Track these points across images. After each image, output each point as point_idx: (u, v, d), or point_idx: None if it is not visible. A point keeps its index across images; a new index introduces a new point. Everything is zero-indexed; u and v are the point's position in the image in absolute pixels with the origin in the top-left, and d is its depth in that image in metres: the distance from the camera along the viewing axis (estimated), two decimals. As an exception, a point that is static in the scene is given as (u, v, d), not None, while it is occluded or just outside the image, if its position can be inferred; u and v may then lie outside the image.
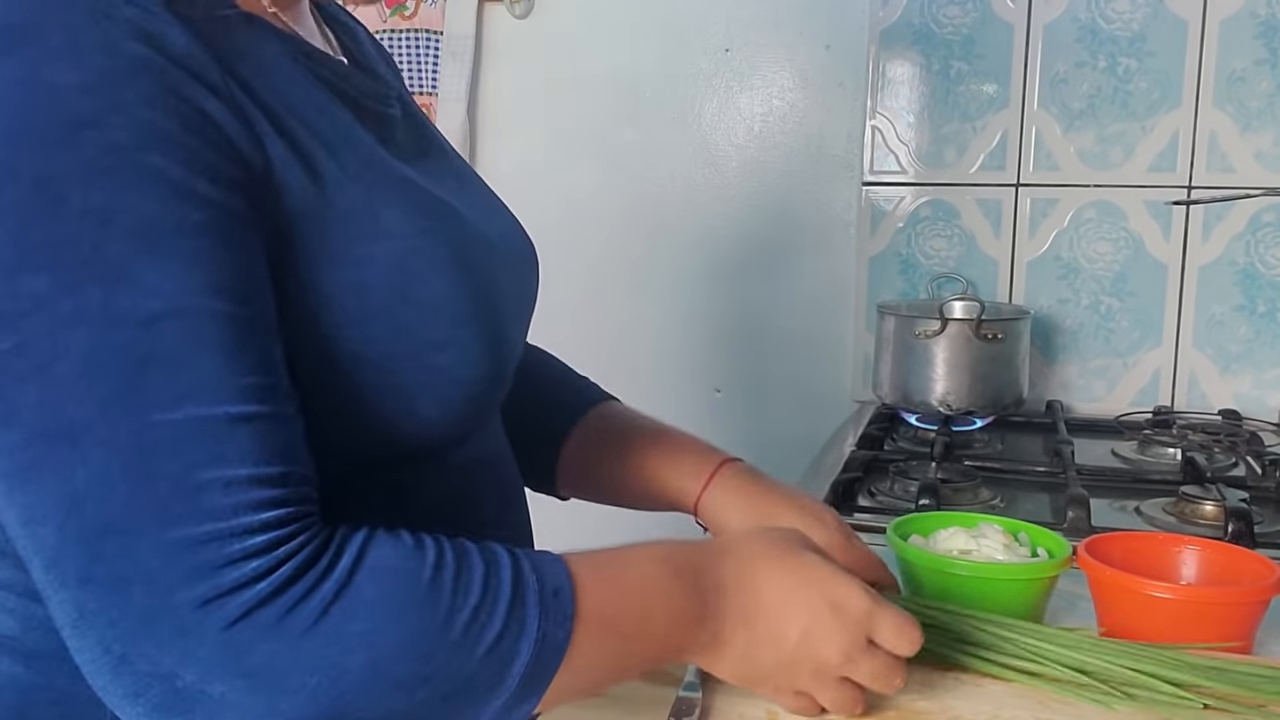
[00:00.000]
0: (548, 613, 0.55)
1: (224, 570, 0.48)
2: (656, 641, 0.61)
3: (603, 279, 1.75)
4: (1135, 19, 1.50)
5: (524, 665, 0.54)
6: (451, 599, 0.53)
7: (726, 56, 1.69)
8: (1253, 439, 1.35)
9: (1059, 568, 0.83)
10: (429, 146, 0.76)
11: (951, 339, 1.42)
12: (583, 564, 0.59)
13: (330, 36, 0.74)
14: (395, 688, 0.51)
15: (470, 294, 0.62)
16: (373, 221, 0.59)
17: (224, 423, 0.50)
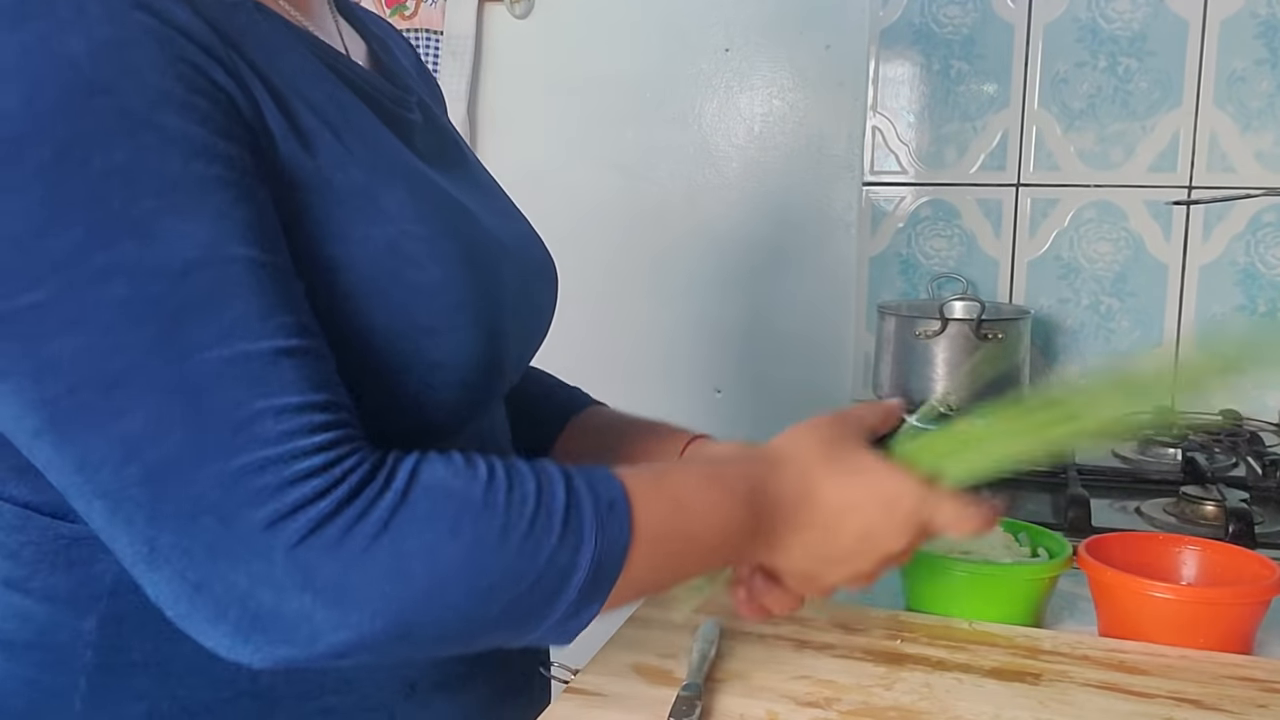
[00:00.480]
0: (604, 526, 0.56)
1: (285, 491, 0.50)
2: (711, 552, 0.63)
3: (602, 279, 1.75)
4: (1136, 19, 1.50)
5: (583, 577, 0.55)
6: (506, 513, 0.54)
7: (726, 56, 1.69)
8: (1253, 439, 1.35)
9: (1059, 568, 0.83)
10: (451, 154, 0.77)
11: (952, 339, 1.42)
12: (637, 479, 0.60)
13: (344, 38, 0.74)
14: (457, 599, 0.53)
15: (469, 284, 0.63)
16: (371, 203, 0.60)
17: (268, 356, 0.51)
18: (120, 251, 0.49)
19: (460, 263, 0.63)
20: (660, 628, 0.80)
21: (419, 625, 0.53)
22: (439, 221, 0.63)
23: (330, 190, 0.58)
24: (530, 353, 0.79)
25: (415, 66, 0.85)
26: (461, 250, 0.63)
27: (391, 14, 1.77)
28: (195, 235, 0.51)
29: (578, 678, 0.73)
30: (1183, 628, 0.77)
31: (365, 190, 0.60)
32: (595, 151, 1.74)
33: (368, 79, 0.68)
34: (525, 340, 0.75)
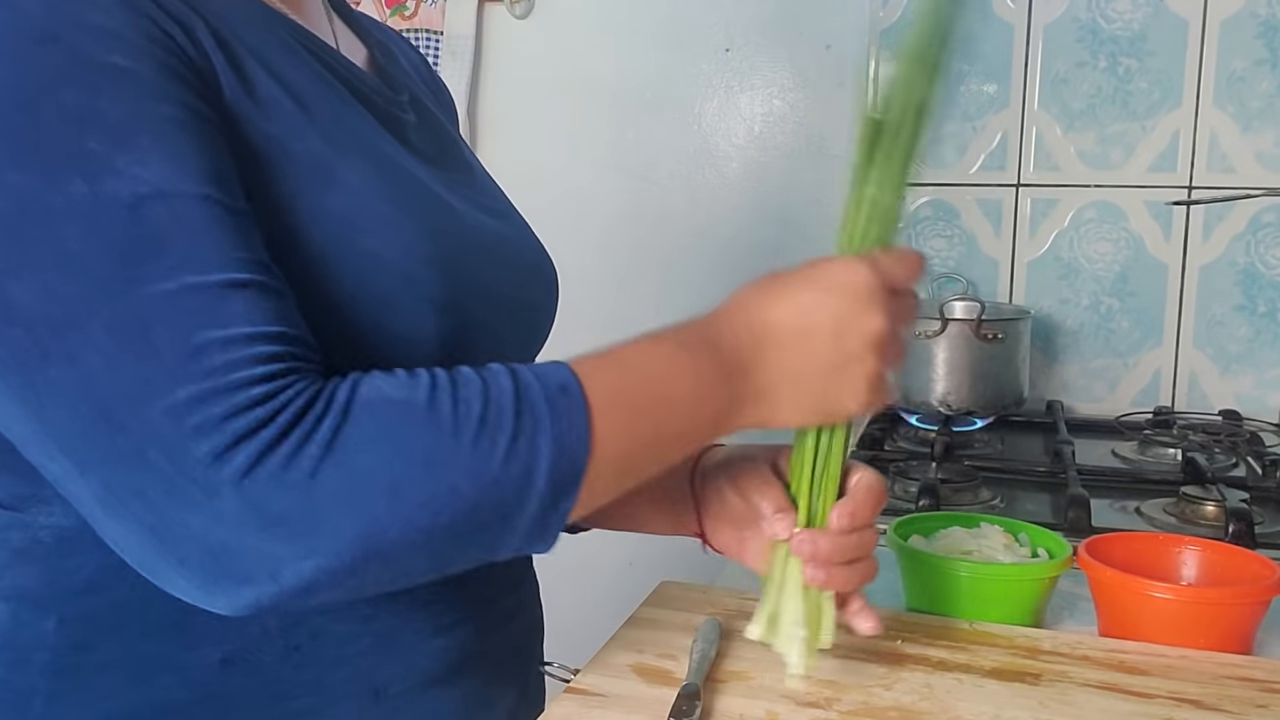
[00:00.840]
0: (557, 408, 0.55)
1: (228, 422, 0.49)
2: (688, 407, 0.61)
3: (602, 279, 1.75)
4: (1135, 19, 1.50)
5: (549, 462, 0.54)
6: (454, 413, 0.53)
7: (726, 57, 1.69)
8: (1253, 439, 1.35)
9: (1059, 568, 0.83)
10: (448, 155, 0.77)
11: (952, 339, 1.42)
12: (581, 360, 0.59)
13: (337, 36, 0.75)
14: (418, 511, 0.52)
15: (426, 261, 0.62)
16: (327, 173, 0.60)
17: (217, 288, 0.51)
18: (71, 192, 0.50)
19: (420, 239, 0.62)
20: (660, 628, 0.80)
21: (385, 542, 0.51)
22: (401, 199, 0.63)
23: (286, 157, 0.58)
24: (522, 352, 0.78)
25: (424, 76, 0.86)
26: (422, 229, 0.63)
27: (391, 14, 1.77)
28: (146, 173, 0.51)
29: (578, 678, 0.73)
30: (1183, 628, 0.77)
31: (322, 159, 0.60)
32: (595, 151, 1.74)
33: (352, 70, 0.68)
34: (509, 337, 0.74)
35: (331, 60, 0.67)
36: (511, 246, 0.75)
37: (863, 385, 0.63)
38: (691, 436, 0.62)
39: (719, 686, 0.71)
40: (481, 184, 0.79)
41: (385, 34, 0.85)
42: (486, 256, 0.70)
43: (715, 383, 0.61)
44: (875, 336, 0.62)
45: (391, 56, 0.80)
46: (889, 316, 0.63)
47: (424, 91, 0.82)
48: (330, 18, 0.75)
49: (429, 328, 0.62)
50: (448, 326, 0.63)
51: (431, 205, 0.66)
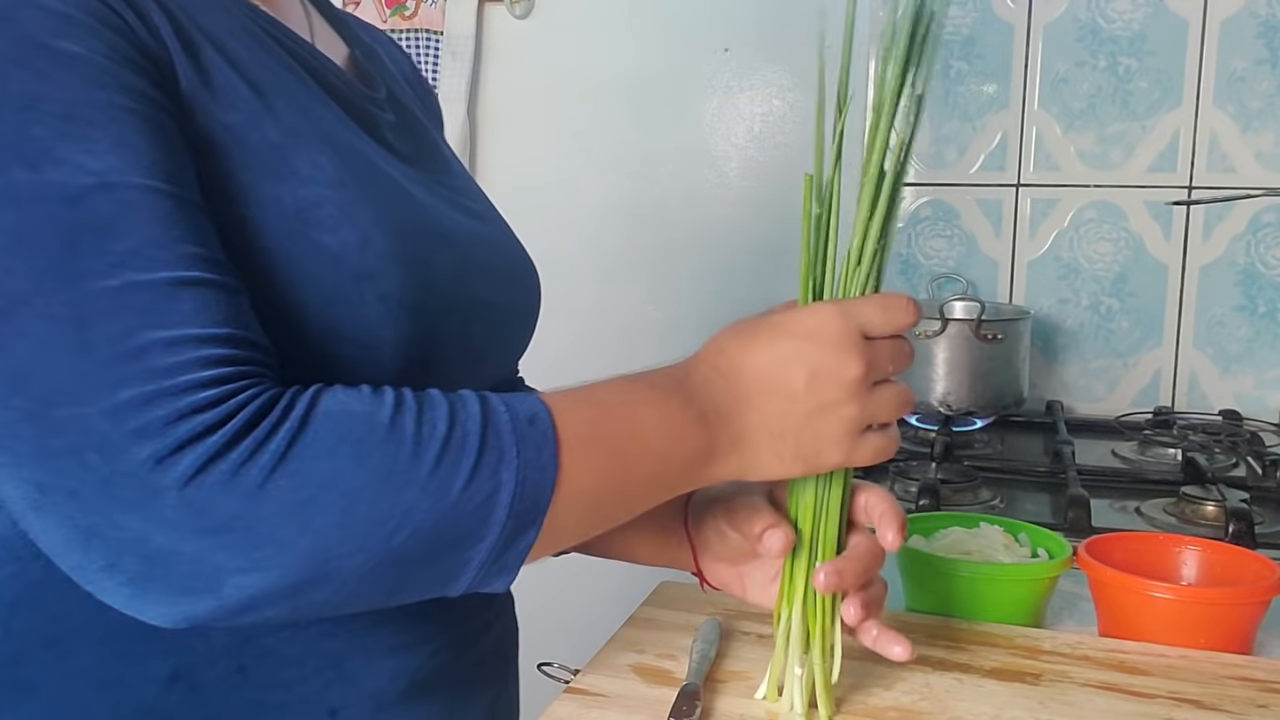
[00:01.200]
0: (525, 438, 0.53)
1: (173, 426, 0.47)
2: (661, 451, 0.59)
3: (602, 279, 1.75)
4: (1135, 19, 1.50)
5: (511, 494, 0.52)
6: (417, 433, 0.51)
7: (726, 56, 1.69)
8: (1253, 439, 1.35)
9: (1059, 568, 0.83)
10: (427, 155, 0.75)
11: (952, 339, 1.42)
12: (556, 394, 0.57)
13: (314, 31, 0.73)
14: (372, 530, 0.49)
15: (383, 256, 0.59)
16: (283, 162, 0.58)
17: (163, 286, 0.49)
18: (11, 179, 0.48)
19: (381, 235, 0.60)
20: (660, 628, 0.80)
21: (334, 563, 0.49)
22: (364, 193, 0.60)
23: (242, 148, 0.56)
24: (499, 358, 0.75)
25: (411, 80, 0.84)
26: (385, 225, 0.60)
27: (391, 14, 1.77)
28: (91, 162, 0.49)
29: (578, 678, 0.73)
30: (1183, 628, 0.77)
31: (279, 150, 0.58)
32: (595, 151, 1.74)
33: (323, 62, 0.67)
34: (483, 342, 0.70)
35: (299, 49, 0.65)
36: (489, 248, 0.73)
37: (843, 433, 0.61)
38: (663, 482, 0.60)
39: (719, 686, 0.71)
40: (461, 184, 0.77)
41: (373, 36, 0.83)
42: (460, 257, 0.67)
43: (690, 428, 0.59)
44: (853, 383, 0.61)
45: (374, 57, 0.78)
46: (867, 363, 0.61)
47: (408, 94, 0.81)
48: (308, 13, 0.74)
49: (389, 330, 0.59)
50: (411, 329, 0.60)
51: (399, 201, 0.64)
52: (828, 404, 0.61)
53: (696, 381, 0.61)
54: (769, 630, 0.79)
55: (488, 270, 0.71)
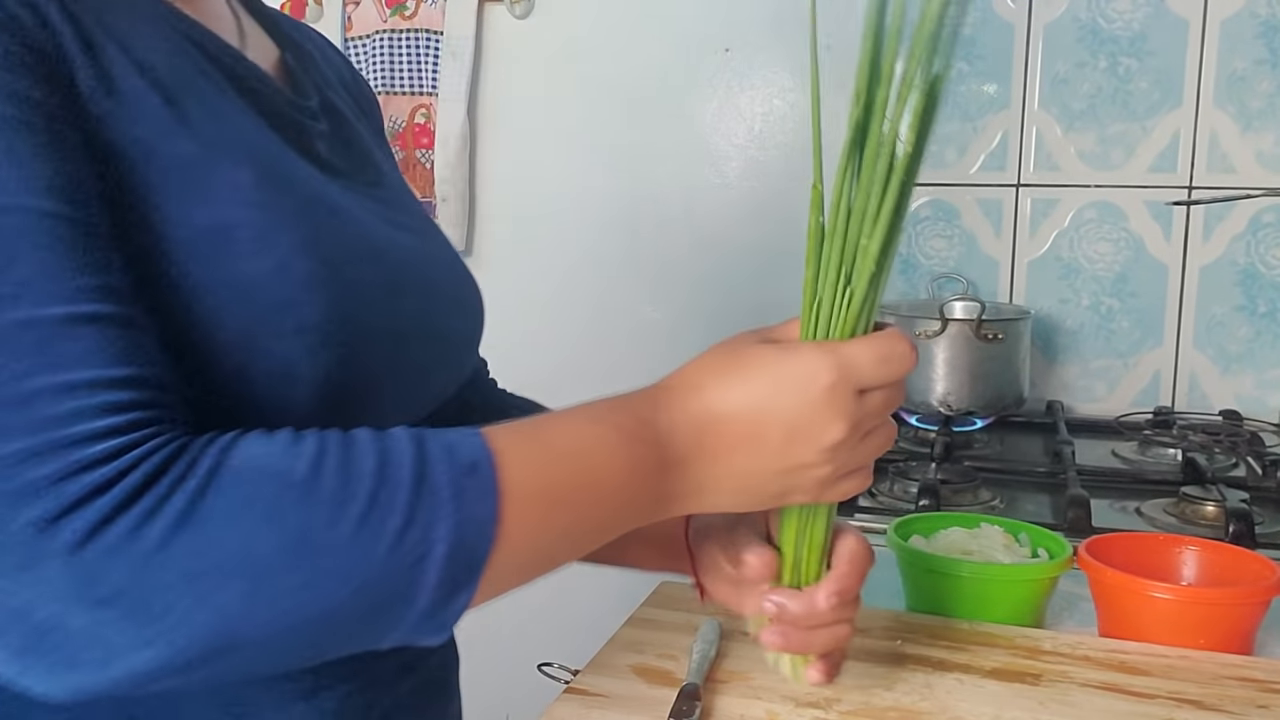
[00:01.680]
0: (463, 492, 0.48)
1: (63, 484, 0.43)
2: (616, 501, 0.55)
3: (602, 279, 1.75)
4: (1136, 19, 1.50)
5: (444, 555, 0.48)
6: (338, 489, 0.46)
7: (726, 56, 1.68)
8: (1253, 439, 1.35)
9: (1059, 569, 0.83)
10: (360, 165, 0.70)
11: (952, 339, 1.42)
12: (505, 434, 0.52)
13: (245, 34, 0.68)
14: (283, 600, 0.45)
15: (305, 284, 0.55)
16: (198, 180, 0.53)
17: (56, 324, 0.45)
18: None
19: (300, 258, 0.55)
20: (660, 628, 0.80)
21: (241, 633, 0.45)
22: (283, 212, 0.55)
23: (150, 161, 0.51)
24: (440, 380, 0.70)
25: (346, 79, 0.80)
26: (305, 247, 0.55)
27: (391, 14, 1.77)
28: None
29: (578, 678, 0.73)
30: (1183, 628, 0.77)
31: (193, 164, 0.53)
32: (594, 151, 1.74)
33: (249, 69, 0.62)
34: (419, 365, 0.65)
35: (223, 56, 0.60)
36: (426, 265, 0.68)
37: (812, 485, 0.58)
38: (614, 528, 0.57)
39: (719, 687, 0.71)
40: (396, 197, 0.72)
41: (303, 34, 0.78)
42: (393, 278, 0.62)
43: (651, 475, 0.55)
44: (832, 446, 0.56)
45: (307, 58, 0.74)
46: (852, 425, 0.57)
47: (343, 97, 0.76)
48: (238, 16, 0.69)
49: (307, 365, 0.54)
50: (332, 362, 0.55)
51: (326, 221, 0.58)
52: (802, 464, 0.57)
53: (664, 426, 0.56)
54: (769, 630, 0.79)
55: (425, 290, 0.66)
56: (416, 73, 1.76)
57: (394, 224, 0.67)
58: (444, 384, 0.71)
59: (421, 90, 1.76)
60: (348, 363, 0.56)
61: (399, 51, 1.76)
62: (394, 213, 0.68)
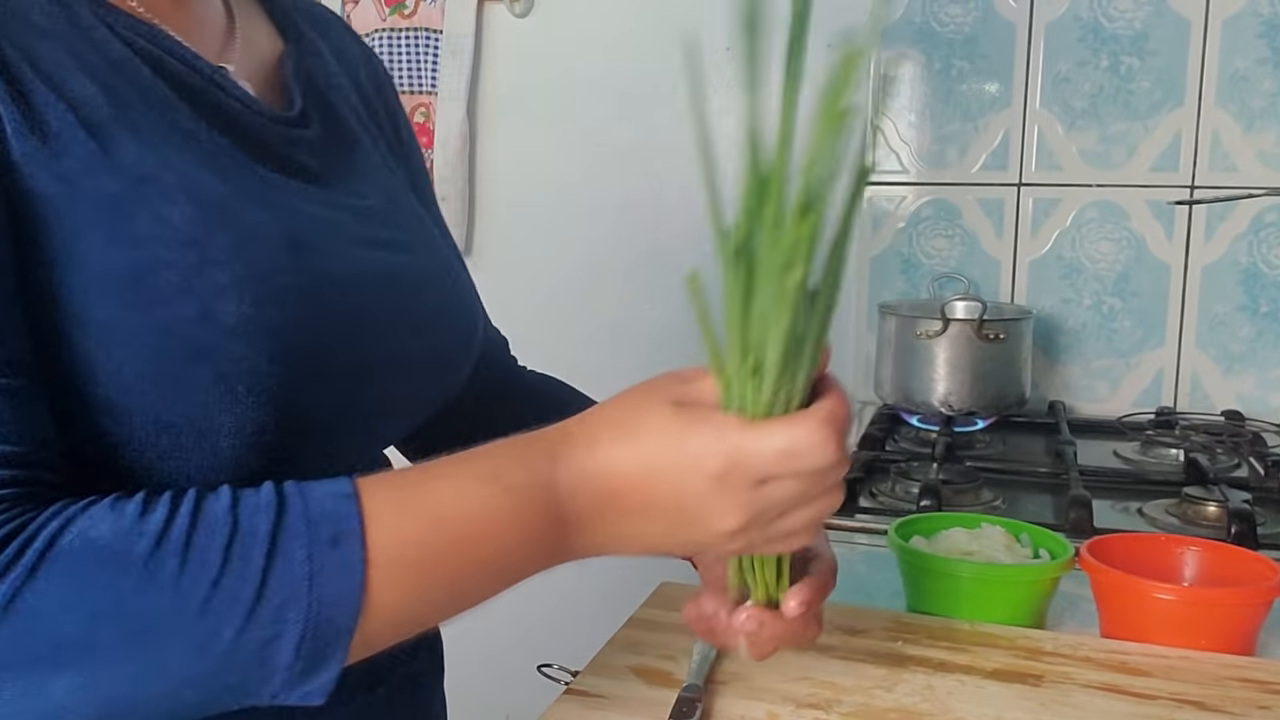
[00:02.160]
0: (321, 571, 0.46)
1: None
2: (503, 564, 0.52)
3: (602, 279, 1.74)
4: (1137, 18, 1.50)
5: (297, 637, 0.46)
6: (180, 571, 0.44)
7: (726, 56, 1.68)
8: (1256, 440, 1.35)
9: (1061, 569, 0.83)
10: (340, 176, 0.66)
11: (953, 339, 1.41)
12: (380, 494, 0.49)
13: (240, 32, 0.66)
14: (118, 690, 0.44)
15: (245, 331, 0.52)
16: (121, 220, 0.51)
17: None
18: None
19: (226, 301, 0.52)
20: (660, 629, 0.80)
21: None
22: (220, 248, 0.53)
23: (72, 199, 0.50)
24: (409, 409, 0.68)
25: (366, 76, 0.77)
26: (237, 286, 0.52)
27: (391, 12, 1.76)
28: None
29: (578, 679, 0.73)
30: (1185, 629, 0.77)
31: (116, 202, 0.51)
32: (595, 150, 1.74)
33: (213, 83, 0.59)
34: (380, 397, 0.62)
35: (180, 70, 0.58)
36: (401, 286, 0.64)
37: (731, 552, 0.55)
38: (506, 585, 0.54)
39: (719, 688, 0.71)
40: (385, 209, 0.68)
41: (319, 25, 0.75)
42: (354, 309, 0.59)
43: (546, 537, 0.53)
44: (727, 533, 0.52)
45: (311, 54, 0.71)
46: (748, 515, 0.51)
47: (348, 96, 0.73)
48: (232, 15, 0.67)
49: (227, 415, 0.52)
50: (254, 411, 0.53)
51: (269, 256, 0.55)
52: (701, 542, 0.54)
53: (562, 487, 0.52)
54: (769, 631, 0.79)
55: (399, 312, 0.63)
56: (416, 71, 1.76)
57: (371, 242, 0.64)
58: (427, 400, 0.69)
59: (421, 89, 1.76)
60: (285, 408, 0.54)
61: (398, 50, 1.76)
62: (375, 227, 0.65)
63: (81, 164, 0.51)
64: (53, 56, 0.52)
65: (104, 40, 0.55)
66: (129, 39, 0.56)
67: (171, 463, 0.52)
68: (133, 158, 0.52)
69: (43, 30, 0.53)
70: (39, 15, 0.53)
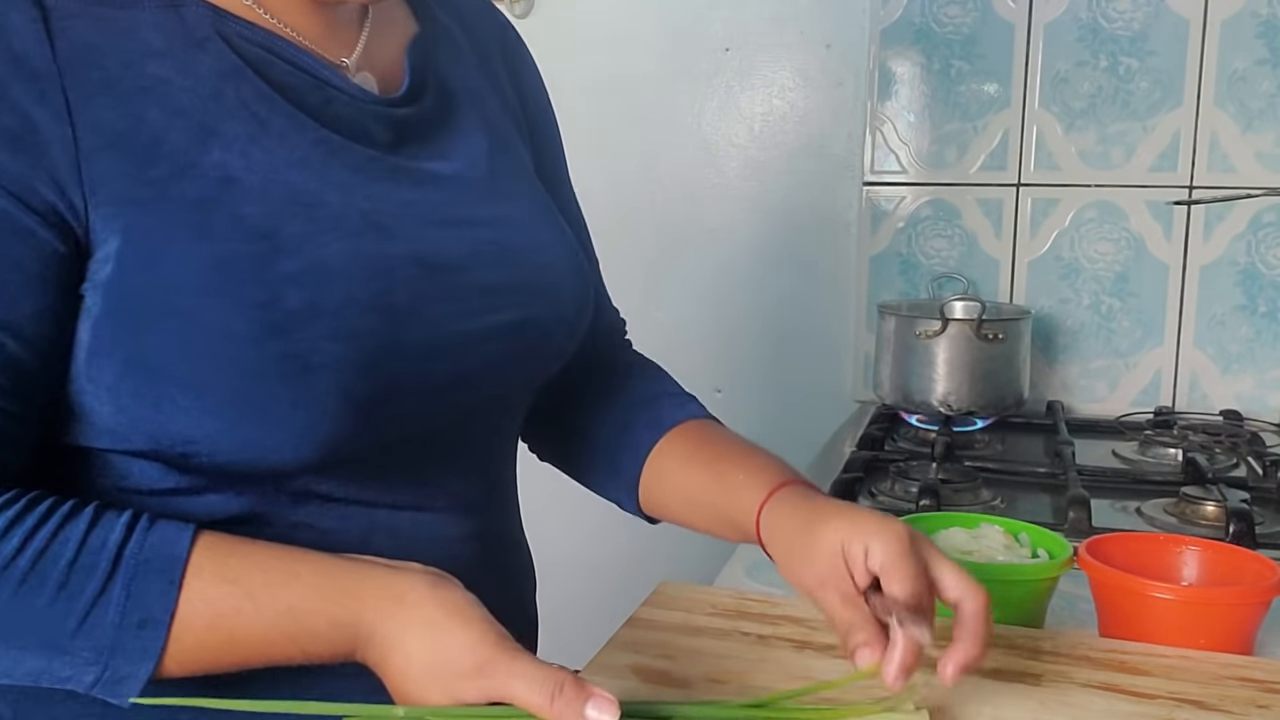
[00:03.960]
0: (121, 649, 0.55)
1: None
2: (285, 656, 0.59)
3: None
4: (1136, 18, 1.50)
5: (89, 683, 0.55)
6: (13, 595, 0.54)
7: (726, 56, 1.68)
8: (1254, 439, 1.35)
9: (1060, 569, 0.83)
10: (440, 154, 0.70)
11: (952, 339, 1.41)
12: (199, 597, 0.56)
13: (369, 27, 0.71)
14: None
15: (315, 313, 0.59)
16: (204, 219, 0.58)
17: None
18: None
19: (306, 285, 0.59)
20: (660, 629, 0.80)
21: None
22: (297, 237, 0.60)
23: (161, 202, 0.57)
24: (492, 382, 0.71)
25: (499, 54, 0.83)
26: (313, 271, 0.59)
27: (391, 14, 1.76)
28: None
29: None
30: (1183, 628, 0.77)
31: (199, 204, 0.58)
32: (595, 151, 1.74)
33: (315, 82, 0.65)
34: (452, 371, 0.67)
35: (287, 77, 0.64)
36: (482, 261, 0.68)
37: None
38: None
39: (719, 687, 0.71)
40: (479, 186, 0.71)
41: (457, 7, 0.80)
42: (429, 281, 0.64)
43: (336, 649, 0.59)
44: None
45: (442, 36, 0.76)
46: None
47: (471, 78, 0.76)
48: (367, 9, 0.71)
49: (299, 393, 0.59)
50: (329, 388, 0.59)
51: (350, 239, 0.62)
52: None
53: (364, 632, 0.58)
54: (769, 631, 0.79)
55: (469, 291, 0.67)
56: (416, 72, 1.76)
57: (452, 220, 0.68)
58: (517, 373, 0.73)
59: (421, 90, 1.76)
60: (351, 382, 0.60)
61: (399, 51, 1.76)
62: (461, 205, 0.69)
63: (169, 172, 0.58)
64: (158, 73, 0.59)
65: (216, 52, 0.62)
66: (242, 49, 0.63)
67: (248, 429, 0.58)
68: (218, 163, 0.59)
69: (153, 49, 0.59)
70: (154, 34, 0.60)
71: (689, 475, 0.78)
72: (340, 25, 0.69)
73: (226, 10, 0.63)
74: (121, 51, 0.58)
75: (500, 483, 0.78)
